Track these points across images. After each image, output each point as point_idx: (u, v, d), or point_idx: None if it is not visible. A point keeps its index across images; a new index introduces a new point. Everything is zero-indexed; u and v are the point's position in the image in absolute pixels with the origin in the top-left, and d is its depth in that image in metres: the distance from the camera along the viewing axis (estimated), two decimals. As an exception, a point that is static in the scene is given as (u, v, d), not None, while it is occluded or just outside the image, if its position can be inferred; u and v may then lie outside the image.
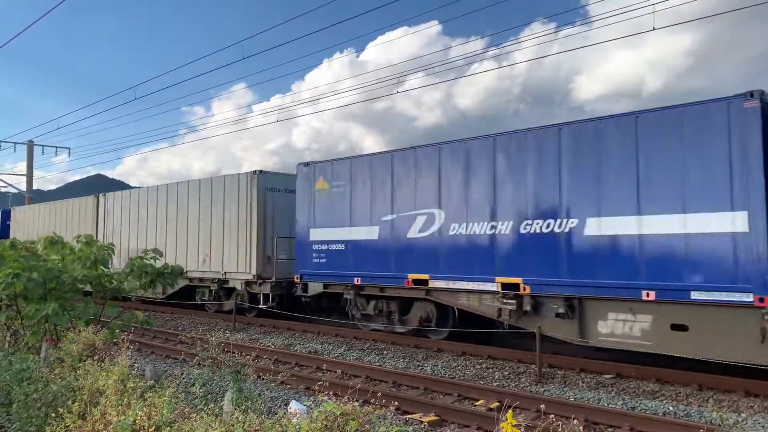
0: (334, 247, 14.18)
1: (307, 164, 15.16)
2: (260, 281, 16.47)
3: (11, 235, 26.85)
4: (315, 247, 14.60)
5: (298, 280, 15.04)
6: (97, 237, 21.92)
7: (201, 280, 18.63)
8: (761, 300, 8.38)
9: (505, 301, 11.14)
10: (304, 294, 15.19)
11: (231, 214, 17.43)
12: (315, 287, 14.93)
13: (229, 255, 17.38)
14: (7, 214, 30.83)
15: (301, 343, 13.72)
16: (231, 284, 17.51)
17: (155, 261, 10.94)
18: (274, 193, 17.02)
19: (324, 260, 14.40)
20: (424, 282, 12.45)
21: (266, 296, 16.42)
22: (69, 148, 35.72)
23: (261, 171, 16.88)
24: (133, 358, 7.78)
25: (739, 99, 8.70)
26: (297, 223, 15.24)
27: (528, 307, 10.86)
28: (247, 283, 16.90)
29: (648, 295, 9.40)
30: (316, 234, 14.63)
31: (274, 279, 16.27)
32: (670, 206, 9.26)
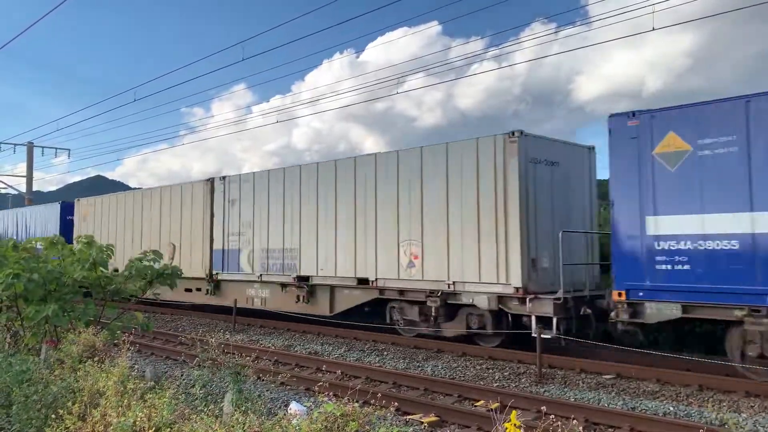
0: (709, 244, 9.12)
1: (634, 114, 10.05)
2: (529, 297, 11.15)
3: (76, 235, 21.78)
4: (661, 245, 9.54)
5: (622, 298, 9.93)
6: (212, 235, 17.87)
7: (402, 292, 13.21)
8: None
9: None
10: (630, 320, 9.89)
11: (465, 196, 12.14)
12: (660, 310, 9.63)
13: (460, 256, 12.10)
14: (68, 209, 24.96)
15: (301, 344, 13.72)
16: (465, 300, 12.16)
17: (154, 263, 10.86)
18: (536, 165, 11.88)
19: (685, 267, 9.35)
20: None
21: (540, 320, 11.04)
22: (69, 150, 35.66)
23: (522, 132, 11.59)
24: (133, 359, 7.78)
25: None
26: (614, 209, 10.14)
27: None
28: (500, 299, 11.64)
29: None
30: (664, 224, 9.58)
31: (560, 294, 10.91)
32: None
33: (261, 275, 16.48)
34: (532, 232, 11.66)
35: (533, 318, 11.17)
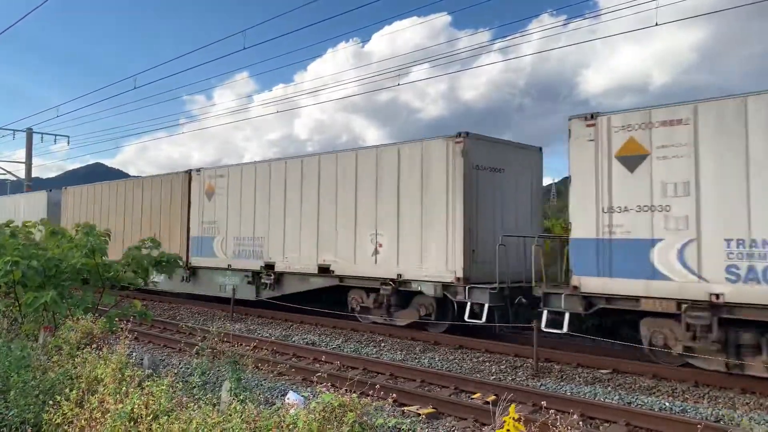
0: None
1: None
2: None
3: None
4: None
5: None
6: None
7: None
8: None
9: None
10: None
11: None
12: None
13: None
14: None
15: (299, 334, 13.74)
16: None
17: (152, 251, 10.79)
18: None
19: None
20: None
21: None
22: (68, 136, 35.58)
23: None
24: (131, 347, 7.79)
25: None
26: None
27: None
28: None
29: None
30: None
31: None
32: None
33: None
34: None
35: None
